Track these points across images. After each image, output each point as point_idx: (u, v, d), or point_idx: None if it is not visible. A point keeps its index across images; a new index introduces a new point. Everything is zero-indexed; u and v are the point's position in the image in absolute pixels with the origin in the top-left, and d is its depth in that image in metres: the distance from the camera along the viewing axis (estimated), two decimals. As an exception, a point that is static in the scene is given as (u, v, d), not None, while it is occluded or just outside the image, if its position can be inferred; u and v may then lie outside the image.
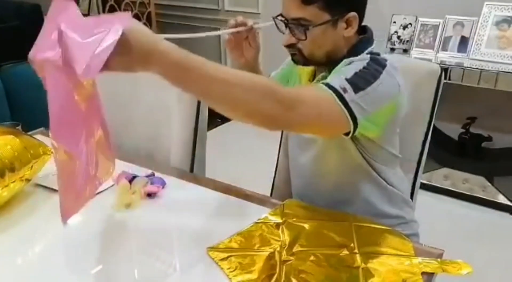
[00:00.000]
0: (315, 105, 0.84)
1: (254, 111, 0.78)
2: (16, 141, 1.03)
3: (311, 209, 1.06)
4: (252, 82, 0.77)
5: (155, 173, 1.17)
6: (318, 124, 0.88)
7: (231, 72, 0.76)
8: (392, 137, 1.07)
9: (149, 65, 0.69)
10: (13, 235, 0.95)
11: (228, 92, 0.75)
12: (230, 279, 0.81)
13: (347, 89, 0.86)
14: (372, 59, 0.94)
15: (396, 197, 1.12)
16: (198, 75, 0.73)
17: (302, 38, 0.95)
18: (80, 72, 0.64)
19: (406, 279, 0.81)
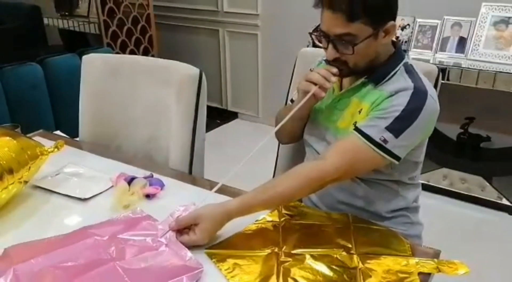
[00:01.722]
0: (359, 165, 0.98)
1: (316, 191, 1.02)
2: (13, 143, 1.03)
3: (309, 210, 1.06)
4: (302, 185, 0.95)
5: (154, 174, 1.17)
6: (364, 172, 1.04)
7: (283, 187, 0.95)
8: (419, 149, 1.08)
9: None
10: (13, 238, 0.94)
11: (292, 199, 1.00)
12: (228, 280, 0.81)
13: (387, 139, 0.94)
14: (415, 93, 0.96)
15: (406, 199, 1.12)
16: (265, 208, 0.99)
17: (349, 53, 0.97)
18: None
19: (403, 279, 0.81)
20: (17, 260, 0.81)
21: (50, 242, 0.88)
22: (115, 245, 0.87)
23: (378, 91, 1.01)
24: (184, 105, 1.29)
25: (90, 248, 0.86)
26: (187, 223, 0.90)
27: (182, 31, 3.64)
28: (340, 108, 1.08)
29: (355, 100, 1.05)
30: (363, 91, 1.04)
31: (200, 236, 0.88)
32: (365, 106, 1.01)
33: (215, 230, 0.91)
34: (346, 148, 0.97)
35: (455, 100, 2.34)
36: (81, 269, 0.80)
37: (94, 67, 1.44)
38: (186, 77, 1.29)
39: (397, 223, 1.10)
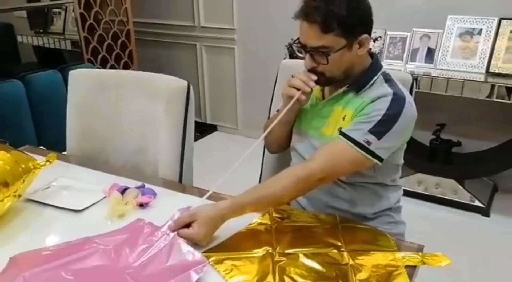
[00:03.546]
0: (345, 166, 1.05)
1: (305, 193, 1.11)
2: (7, 156, 1.04)
3: (298, 212, 1.11)
4: (290, 184, 1.01)
5: (145, 184, 1.20)
6: (349, 173, 1.10)
7: (274, 187, 1.03)
8: (399, 152, 1.15)
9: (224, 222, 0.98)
10: (8, 250, 0.93)
11: (281, 199, 1.04)
12: (227, 280, 0.85)
13: (370, 141, 1.01)
14: (394, 99, 1.04)
15: (389, 200, 1.19)
16: (257, 208, 1.04)
17: (324, 63, 1.05)
18: None
19: (391, 272, 0.87)
20: (25, 267, 0.83)
21: (55, 250, 0.90)
22: (120, 252, 0.89)
23: (360, 99, 1.08)
24: (173, 117, 1.33)
25: (96, 256, 0.88)
26: (185, 222, 0.94)
27: (161, 46, 3.68)
28: (323, 116, 1.14)
29: (338, 108, 1.12)
30: (345, 99, 1.11)
31: (198, 230, 0.92)
32: (349, 113, 1.08)
33: (211, 227, 0.95)
34: (332, 150, 1.03)
35: (426, 107, 2.44)
36: (89, 275, 0.83)
37: (81, 82, 1.47)
38: (175, 89, 1.33)
39: (382, 222, 1.16)
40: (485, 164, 2.47)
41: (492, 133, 2.54)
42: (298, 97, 1.10)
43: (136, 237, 0.94)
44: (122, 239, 0.94)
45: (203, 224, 0.94)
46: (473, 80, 2.16)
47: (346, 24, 1.01)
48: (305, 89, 1.09)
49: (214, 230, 0.96)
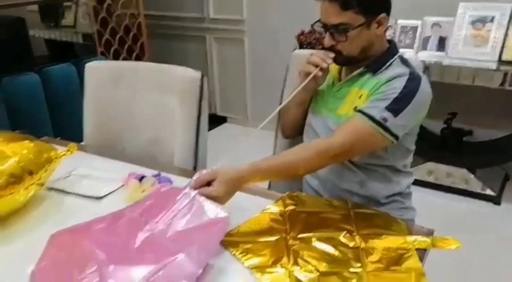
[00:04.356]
0: (362, 144, 1.07)
1: (319, 167, 1.12)
2: (31, 145, 1.08)
3: (311, 199, 1.14)
4: (309, 155, 1.05)
5: (161, 173, 1.24)
6: (365, 152, 1.12)
7: (293, 155, 1.06)
8: (412, 135, 1.18)
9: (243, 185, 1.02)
10: (30, 239, 1.00)
11: (298, 169, 1.07)
12: (243, 262, 0.88)
13: (387, 118, 1.03)
14: (411, 78, 1.07)
15: (400, 185, 1.21)
16: (274, 175, 1.08)
17: (343, 40, 1.09)
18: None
19: (401, 255, 0.89)
20: (63, 244, 0.90)
21: (88, 225, 0.95)
22: (147, 216, 0.94)
23: (376, 79, 1.11)
24: (187, 107, 1.36)
25: (124, 224, 0.94)
26: (205, 180, 0.97)
27: (171, 38, 3.71)
28: (340, 97, 1.17)
29: (355, 89, 1.15)
30: (362, 80, 1.14)
31: (218, 187, 0.96)
32: (365, 93, 1.11)
33: (231, 186, 0.98)
34: (350, 127, 1.06)
35: (437, 96, 2.42)
36: (119, 243, 0.89)
37: (97, 74, 1.50)
38: (189, 80, 1.36)
39: (393, 208, 1.18)
40: (497, 153, 2.47)
41: (504, 122, 2.53)
42: (315, 74, 1.13)
43: (160, 201, 0.98)
44: (147, 206, 0.98)
45: (223, 183, 0.96)
46: (485, 69, 2.16)
47: (365, 2, 1.06)
48: (322, 65, 1.13)
49: (233, 190, 0.99)
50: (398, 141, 1.07)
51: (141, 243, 0.90)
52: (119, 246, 0.90)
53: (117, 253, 0.88)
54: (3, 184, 0.98)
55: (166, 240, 0.90)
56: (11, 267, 0.91)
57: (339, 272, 0.84)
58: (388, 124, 1.03)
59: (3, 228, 1.02)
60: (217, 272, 0.86)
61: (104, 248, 0.88)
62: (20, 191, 1.01)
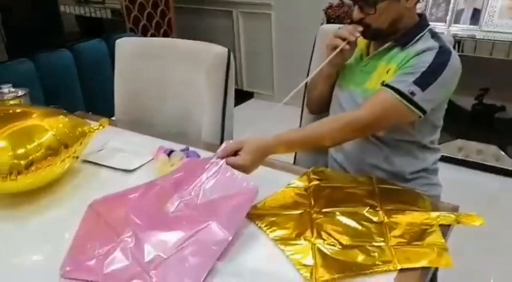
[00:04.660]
0: (388, 117, 1.07)
1: (344, 140, 1.13)
2: (66, 120, 1.13)
3: (336, 174, 1.15)
4: (337, 127, 1.05)
5: (189, 147, 1.27)
6: (392, 126, 1.12)
7: (319, 127, 1.07)
8: (440, 110, 1.17)
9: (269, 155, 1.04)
10: (65, 209, 1.06)
11: (324, 140, 1.08)
12: (268, 234, 0.91)
13: (415, 92, 1.02)
14: (440, 52, 1.05)
15: (426, 161, 1.21)
16: (299, 145, 1.11)
17: (371, 13, 1.08)
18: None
19: (424, 230, 0.90)
20: (102, 211, 0.95)
21: (124, 194, 1.00)
22: (177, 186, 0.99)
23: (405, 53, 1.10)
24: (214, 83, 1.38)
25: (156, 193, 0.99)
26: (232, 149, 1.00)
27: (197, 13, 3.70)
28: (367, 72, 1.17)
29: (383, 63, 1.14)
30: (390, 55, 1.13)
31: (244, 156, 0.98)
32: (393, 67, 1.11)
33: (257, 156, 1.00)
34: (377, 101, 1.06)
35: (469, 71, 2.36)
36: (156, 212, 0.94)
37: (127, 50, 1.54)
38: (215, 56, 1.37)
39: (418, 184, 1.18)
40: (530, 130, 2.40)
41: (539, 98, 2.45)
42: (343, 48, 1.13)
43: (190, 171, 1.02)
44: (177, 176, 1.02)
45: (250, 152, 0.99)
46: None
47: None
48: (350, 39, 1.12)
49: (259, 160, 1.01)
50: (425, 116, 1.06)
51: (173, 210, 0.95)
52: (153, 213, 0.95)
53: (150, 219, 0.93)
54: (41, 156, 1.03)
55: (197, 208, 0.94)
56: (51, 233, 0.98)
57: (362, 246, 0.86)
58: (415, 98, 1.03)
59: (42, 197, 1.09)
60: (242, 243, 0.89)
61: (138, 215, 0.93)
62: (57, 163, 1.07)
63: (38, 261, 0.92)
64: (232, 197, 0.94)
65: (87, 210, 0.97)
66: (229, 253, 0.86)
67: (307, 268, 0.81)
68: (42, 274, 0.85)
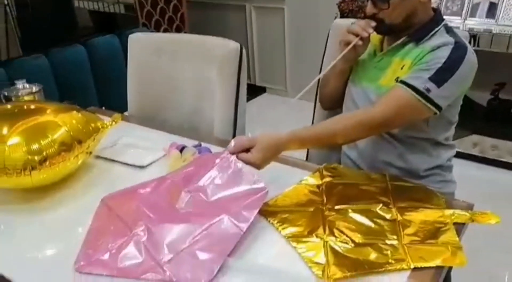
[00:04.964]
0: (404, 115, 1.05)
1: (358, 138, 1.12)
2: (79, 116, 1.14)
3: (348, 171, 1.14)
4: (351, 125, 1.04)
5: (202, 143, 1.27)
6: (407, 123, 1.10)
7: (333, 125, 1.06)
8: (455, 107, 1.15)
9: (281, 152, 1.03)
10: (79, 205, 1.07)
11: (337, 138, 1.07)
12: (279, 231, 0.91)
13: (430, 88, 1.01)
14: (456, 47, 1.03)
15: (440, 158, 1.19)
16: (312, 143, 1.10)
17: (385, 8, 1.07)
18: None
19: (438, 228, 0.89)
20: (114, 206, 0.96)
21: (136, 188, 1.01)
22: (187, 180, 0.99)
23: (420, 49, 1.08)
24: (226, 79, 1.38)
25: (167, 187, 0.99)
26: (243, 146, 1.00)
27: (210, 8, 3.70)
28: (381, 68, 1.15)
29: (397, 59, 1.12)
30: (404, 50, 1.12)
31: (256, 154, 0.98)
32: (407, 63, 1.09)
33: (269, 153, 1.00)
34: (392, 98, 1.04)
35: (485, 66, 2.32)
36: (168, 206, 0.95)
37: (140, 45, 1.54)
38: (227, 52, 1.37)
39: (432, 181, 1.17)
40: (547, 125, 2.36)
41: (557, 93, 2.40)
42: (356, 44, 1.12)
43: (200, 165, 1.02)
44: (188, 171, 1.02)
45: (261, 150, 0.98)
46: (538, 37, 2.03)
47: None
48: (363, 35, 1.11)
49: (271, 157, 1.01)
50: (440, 112, 1.04)
51: (185, 204, 0.96)
52: (165, 207, 0.96)
53: (162, 213, 0.93)
54: (55, 152, 1.04)
55: (208, 204, 0.95)
56: (65, 228, 0.99)
57: (375, 244, 0.85)
58: (431, 95, 1.01)
59: (56, 192, 1.10)
60: (254, 239, 0.89)
61: (150, 209, 0.94)
62: (71, 159, 1.08)
63: (52, 255, 0.93)
64: (243, 196, 0.94)
65: (99, 205, 0.98)
66: (240, 249, 0.86)
67: (319, 266, 0.80)
68: (57, 268, 0.86)
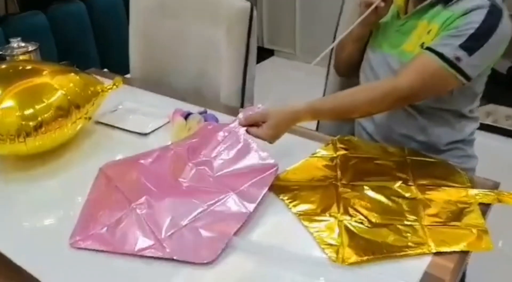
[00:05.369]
0: (431, 86, 0.95)
1: (381, 111, 1.02)
2: (77, 79, 1.06)
3: (364, 143, 1.07)
4: (374, 97, 0.95)
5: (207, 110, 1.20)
6: (434, 95, 1.01)
7: (355, 97, 0.96)
8: (483, 76, 1.06)
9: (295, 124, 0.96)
10: (83, 166, 1.02)
11: (357, 111, 1.00)
12: (290, 208, 0.85)
13: (461, 57, 0.91)
14: (491, 11, 0.92)
15: (463, 132, 1.11)
16: (331, 115, 1.03)
17: None
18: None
19: (462, 209, 0.82)
20: (114, 176, 0.91)
21: (138, 158, 0.95)
22: (193, 151, 0.94)
23: (449, 12, 0.97)
24: (235, 41, 1.29)
25: (174, 159, 0.93)
26: (255, 120, 0.93)
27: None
28: (405, 32, 1.05)
29: (423, 22, 1.02)
30: (431, 13, 1.01)
31: (267, 131, 0.92)
32: (435, 27, 0.99)
33: (282, 129, 0.93)
34: (418, 67, 0.95)
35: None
36: (171, 179, 0.90)
37: (142, 3, 1.44)
38: (236, 11, 1.27)
39: (453, 156, 1.10)
40: None
41: None
42: (377, 5, 1.02)
43: (207, 136, 0.96)
44: (194, 141, 0.96)
45: (274, 126, 0.92)
46: None
47: None
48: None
49: (284, 131, 0.94)
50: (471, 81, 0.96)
51: (189, 178, 0.90)
52: (167, 180, 0.90)
53: (164, 186, 0.88)
54: (51, 117, 0.97)
55: (214, 179, 0.89)
56: (63, 197, 0.94)
57: (392, 224, 0.79)
58: (461, 64, 0.92)
59: (53, 160, 1.04)
60: (262, 217, 0.83)
61: (151, 181, 0.88)
62: (68, 125, 1.01)
63: (50, 225, 0.88)
64: (252, 172, 0.88)
65: (98, 174, 0.93)
66: (246, 228, 0.80)
67: (333, 248, 0.75)
68: (54, 238, 0.82)
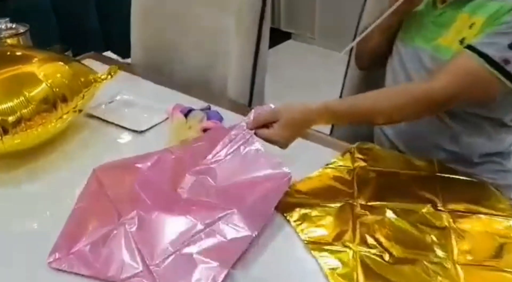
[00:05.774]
0: (472, 91, 0.83)
1: (413, 118, 0.90)
2: (65, 68, 0.95)
3: (387, 153, 0.94)
4: (403, 103, 0.83)
5: (211, 106, 1.08)
6: (475, 101, 0.88)
7: (380, 102, 0.84)
8: None
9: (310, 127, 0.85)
10: (70, 167, 0.93)
11: (380, 118, 0.87)
12: (297, 233, 0.73)
13: (509, 59, 0.78)
14: None
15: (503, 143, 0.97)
16: (350, 120, 0.88)
17: None
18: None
19: (502, 244, 0.70)
20: (106, 181, 0.81)
21: (135, 161, 0.84)
22: (198, 157, 0.84)
23: (498, 2, 0.82)
24: (245, 26, 1.15)
25: (174, 165, 0.83)
26: (265, 120, 0.82)
27: None
28: (441, 24, 0.91)
29: (464, 14, 0.87)
30: (474, 3, 0.86)
31: (280, 132, 0.80)
32: (479, 21, 0.84)
33: (295, 129, 0.82)
34: (458, 69, 0.82)
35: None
36: (169, 189, 0.80)
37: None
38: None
39: (487, 170, 0.95)
40: None
41: None
42: None
43: (211, 141, 0.86)
44: (197, 146, 0.87)
45: (287, 126, 0.80)
46: None
47: None
48: None
49: (298, 134, 0.83)
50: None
51: (188, 189, 0.80)
52: (164, 190, 0.81)
53: (160, 198, 0.78)
54: (33, 112, 0.86)
55: (216, 190, 0.78)
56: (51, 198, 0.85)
57: (418, 260, 0.67)
58: (510, 68, 0.78)
59: (39, 157, 0.94)
60: (268, 243, 0.72)
61: (147, 190, 0.78)
62: (53, 121, 0.91)
63: (35, 229, 0.79)
64: (260, 183, 0.77)
65: (90, 177, 0.83)
66: (248, 256, 0.69)
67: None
68: (39, 244, 0.72)
